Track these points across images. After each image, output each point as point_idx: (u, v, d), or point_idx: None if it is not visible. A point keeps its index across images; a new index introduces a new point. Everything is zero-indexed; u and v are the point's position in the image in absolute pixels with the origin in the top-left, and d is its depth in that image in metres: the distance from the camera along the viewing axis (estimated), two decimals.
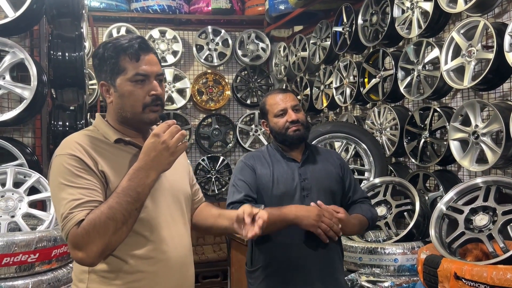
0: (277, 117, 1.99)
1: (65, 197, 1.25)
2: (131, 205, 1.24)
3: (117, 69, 1.35)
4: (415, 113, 3.19)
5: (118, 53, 1.35)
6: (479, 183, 2.09)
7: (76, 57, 3.02)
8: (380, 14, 3.50)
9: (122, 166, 1.34)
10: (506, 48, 2.44)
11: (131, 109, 1.36)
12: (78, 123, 3.04)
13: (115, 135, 1.38)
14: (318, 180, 1.99)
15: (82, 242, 1.21)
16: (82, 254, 1.22)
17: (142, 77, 1.35)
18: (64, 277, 2.30)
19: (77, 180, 1.26)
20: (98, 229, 1.21)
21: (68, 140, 1.34)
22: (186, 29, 5.66)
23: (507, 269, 1.71)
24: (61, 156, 1.30)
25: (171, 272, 1.37)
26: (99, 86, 1.40)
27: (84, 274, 1.34)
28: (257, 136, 5.61)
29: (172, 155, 1.28)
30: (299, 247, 1.92)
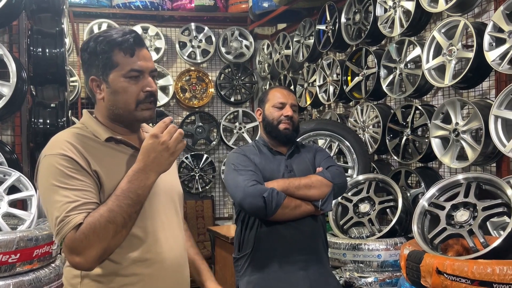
0: (274, 107, 2.04)
1: (59, 199, 1.18)
2: (131, 207, 1.20)
3: (110, 64, 1.28)
4: (397, 111, 3.24)
5: (111, 47, 1.28)
6: (460, 180, 2.13)
7: (57, 54, 2.97)
8: (363, 13, 3.54)
9: (114, 165, 1.29)
10: (485, 47, 2.49)
11: (124, 105, 1.30)
12: (59, 120, 2.98)
13: (106, 134, 1.31)
14: (303, 172, 2.04)
15: (81, 246, 1.16)
16: (79, 258, 1.17)
17: (137, 73, 1.29)
18: (46, 277, 2.26)
19: (70, 182, 1.20)
20: (98, 233, 1.16)
21: (58, 139, 1.27)
22: (169, 25, 5.61)
23: (487, 263, 1.75)
24: (51, 156, 1.23)
25: (166, 273, 1.33)
26: (89, 81, 1.32)
27: (76, 279, 1.28)
28: (241, 134, 5.61)
29: (172, 155, 1.25)
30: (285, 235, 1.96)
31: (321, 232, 2.06)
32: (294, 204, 1.92)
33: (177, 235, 1.40)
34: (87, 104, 5.40)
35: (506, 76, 2.58)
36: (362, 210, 2.81)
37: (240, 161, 1.99)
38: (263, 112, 2.09)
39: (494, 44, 2.48)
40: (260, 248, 1.98)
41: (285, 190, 1.91)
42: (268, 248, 1.97)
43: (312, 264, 1.98)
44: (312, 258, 1.99)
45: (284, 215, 1.91)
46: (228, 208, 5.68)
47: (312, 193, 1.95)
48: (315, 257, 2.01)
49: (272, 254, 1.96)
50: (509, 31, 2.38)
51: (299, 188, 1.92)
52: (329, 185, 1.98)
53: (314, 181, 1.96)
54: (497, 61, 2.45)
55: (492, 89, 2.74)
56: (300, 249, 1.98)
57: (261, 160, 2.02)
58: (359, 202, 2.85)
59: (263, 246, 1.97)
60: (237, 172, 1.94)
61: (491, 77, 2.71)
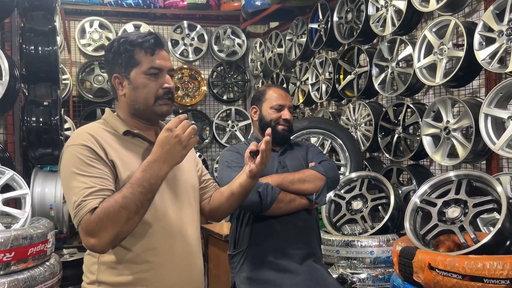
0: (273, 109, 2.05)
1: (77, 185, 1.27)
2: (144, 195, 1.27)
3: (132, 62, 1.39)
4: (389, 109, 3.27)
5: (134, 46, 1.39)
6: (452, 177, 2.16)
7: (49, 52, 2.96)
8: (355, 12, 3.56)
9: (130, 157, 1.38)
10: (475, 46, 2.53)
11: (144, 101, 1.40)
12: (52, 119, 2.97)
13: (124, 127, 1.41)
14: (296, 168, 2.07)
15: (95, 229, 1.24)
16: (94, 240, 1.25)
17: (156, 71, 1.40)
18: (41, 275, 2.26)
19: (89, 169, 1.29)
20: (112, 217, 1.24)
21: (80, 131, 1.38)
22: (161, 23, 5.60)
23: (477, 258, 1.78)
24: (73, 146, 1.33)
25: (177, 262, 1.41)
26: (112, 79, 1.43)
27: (94, 266, 1.37)
28: (234, 132, 5.62)
29: (184, 149, 1.32)
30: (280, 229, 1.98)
31: (314, 227, 2.09)
32: (289, 198, 1.94)
33: (189, 225, 1.47)
34: (79, 102, 5.38)
35: (496, 75, 2.62)
36: (354, 207, 2.84)
37: (233, 158, 2.00)
38: (260, 112, 2.09)
39: (484, 43, 2.52)
40: (255, 244, 2.00)
41: (279, 185, 1.94)
42: (264, 243, 1.99)
43: (307, 258, 2.01)
44: (307, 252, 2.02)
45: (279, 209, 1.93)
46: None
47: (306, 187, 1.98)
48: (310, 251, 2.03)
49: (268, 250, 1.98)
50: (498, 31, 2.42)
51: (293, 182, 1.94)
52: (322, 178, 2.01)
53: (308, 175, 1.99)
54: (487, 60, 2.49)
55: (482, 87, 2.79)
56: (295, 243, 2.00)
57: None
58: (352, 199, 2.88)
59: (258, 242, 1.99)
60: (231, 168, 1.95)
61: (481, 75, 2.76)
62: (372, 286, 2.50)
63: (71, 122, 5.18)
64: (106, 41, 5.35)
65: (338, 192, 2.93)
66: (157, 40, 1.42)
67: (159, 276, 1.38)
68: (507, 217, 1.89)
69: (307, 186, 1.98)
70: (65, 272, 3.01)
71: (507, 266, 1.73)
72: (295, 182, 1.96)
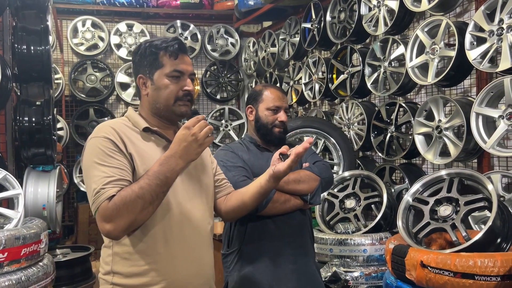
0: (269, 110, 2.05)
1: (98, 174, 1.36)
2: (160, 188, 1.35)
3: (156, 64, 1.49)
4: (381, 108, 3.30)
5: (159, 49, 1.50)
6: (443, 175, 2.18)
7: (42, 51, 2.94)
8: (348, 12, 3.58)
9: (148, 152, 1.46)
10: (467, 46, 2.56)
11: (165, 101, 1.50)
12: (45, 118, 2.96)
13: (144, 124, 1.50)
14: None
15: (112, 215, 1.32)
16: (109, 226, 1.33)
17: (178, 74, 1.49)
18: (34, 276, 2.24)
19: (109, 160, 1.38)
20: (128, 205, 1.31)
21: (103, 125, 1.48)
22: (154, 23, 5.59)
23: (469, 256, 1.80)
24: (96, 138, 1.42)
25: (189, 255, 1.48)
26: (137, 79, 1.54)
27: (109, 257, 1.46)
28: (227, 131, 5.62)
29: (200, 147, 1.39)
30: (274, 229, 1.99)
31: (308, 226, 2.10)
32: (284, 199, 1.95)
33: (202, 220, 1.54)
34: (72, 101, 5.35)
35: (487, 74, 2.65)
36: (348, 206, 2.86)
37: (229, 158, 2.00)
38: (256, 112, 2.07)
39: (475, 43, 2.55)
40: (249, 243, 2.00)
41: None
42: (257, 243, 2.00)
43: (300, 258, 2.02)
44: (301, 252, 2.03)
45: (274, 209, 1.93)
46: None
47: (301, 188, 1.98)
48: (303, 251, 2.04)
49: (261, 249, 1.99)
50: (489, 31, 2.45)
51: (288, 183, 1.95)
52: (317, 179, 2.02)
53: (303, 175, 2.00)
54: (478, 60, 2.52)
55: (474, 87, 2.81)
56: (289, 243, 2.01)
57: (250, 157, 2.03)
58: (345, 198, 2.90)
59: (252, 242, 2.00)
60: (226, 168, 1.95)
61: (473, 75, 2.78)
62: (365, 284, 2.52)
63: (64, 121, 5.16)
64: (98, 40, 5.33)
65: (331, 191, 2.94)
66: (181, 45, 1.52)
67: (171, 267, 1.44)
68: (497, 215, 1.92)
69: (302, 187, 1.99)
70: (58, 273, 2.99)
71: (497, 263, 1.75)
72: (290, 183, 1.96)
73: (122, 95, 5.35)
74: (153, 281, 1.42)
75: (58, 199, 3.29)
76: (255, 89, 2.12)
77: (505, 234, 1.96)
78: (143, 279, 1.42)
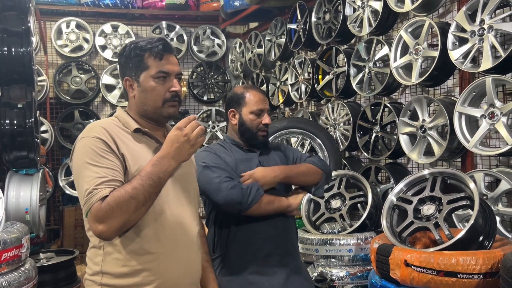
0: (253, 114, 2.04)
1: (90, 174, 1.35)
2: (153, 188, 1.35)
3: (141, 66, 1.48)
4: (366, 108, 3.31)
5: (143, 51, 1.48)
6: (426, 175, 2.20)
7: (23, 53, 2.89)
8: (333, 12, 3.60)
9: (139, 153, 1.46)
10: (449, 46, 2.58)
11: (153, 103, 1.49)
12: (27, 121, 2.91)
13: (135, 125, 1.50)
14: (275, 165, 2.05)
15: (105, 216, 1.30)
16: (102, 227, 1.31)
17: (164, 75, 1.48)
18: (15, 281, 2.20)
19: (101, 160, 1.37)
20: (121, 206, 1.31)
21: (93, 125, 1.46)
22: (139, 24, 5.55)
23: (451, 254, 1.82)
24: (86, 138, 1.41)
25: (180, 254, 1.48)
26: (123, 81, 1.52)
27: (98, 257, 1.44)
28: (215, 132, 5.60)
29: (192, 147, 1.40)
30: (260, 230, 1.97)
31: (293, 226, 2.09)
32: (268, 200, 1.94)
33: (191, 222, 1.55)
34: (56, 104, 5.29)
35: (469, 74, 2.68)
36: (333, 206, 2.86)
37: (211, 159, 1.98)
38: (239, 116, 2.05)
39: (458, 44, 2.57)
40: (234, 247, 1.98)
41: (287, 176, 1.97)
42: (244, 245, 1.98)
43: (287, 259, 2.01)
44: (287, 252, 2.02)
45: (257, 210, 1.92)
46: (201, 207, 5.65)
47: (308, 179, 2.02)
48: (290, 251, 2.03)
49: (247, 252, 1.97)
50: (471, 31, 2.47)
51: (298, 175, 1.98)
52: (320, 172, 2.05)
53: (309, 168, 2.03)
54: (460, 60, 2.54)
55: (457, 86, 2.84)
56: (275, 244, 1.99)
57: (233, 159, 2.02)
58: (331, 198, 2.91)
59: (237, 245, 1.98)
60: (209, 169, 1.93)
61: (456, 75, 2.81)
62: (351, 283, 2.52)
63: (48, 124, 5.09)
64: (83, 42, 5.28)
65: None
66: (165, 46, 1.50)
67: (162, 268, 1.44)
68: (479, 213, 1.93)
69: (308, 179, 2.03)
70: (42, 277, 2.95)
71: (480, 261, 1.76)
72: (299, 175, 2.00)
73: (107, 97, 5.30)
74: (144, 281, 1.42)
75: (42, 202, 3.24)
76: (236, 92, 2.09)
77: (487, 232, 1.98)
78: (134, 279, 1.41)
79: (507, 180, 2.34)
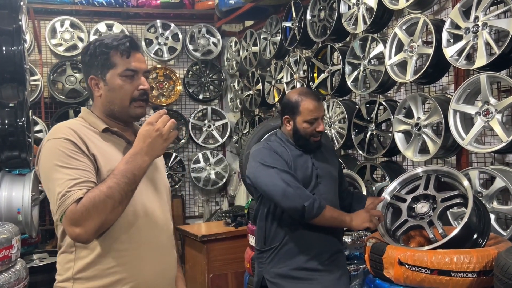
0: (307, 122, 2.10)
1: (61, 177, 1.31)
2: (128, 186, 1.32)
3: (108, 64, 1.44)
4: (362, 106, 3.29)
5: (109, 49, 1.44)
6: (420, 173, 2.18)
7: (14, 51, 2.87)
8: (328, 10, 3.57)
9: (110, 152, 1.43)
10: (444, 43, 2.56)
11: (120, 102, 1.45)
12: (18, 120, 2.89)
13: (103, 125, 1.46)
14: (327, 168, 2.19)
15: (81, 218, 1.27)
16: (79, 230, 1.28)
17: (131, 73, 1.44)
18: (6, 282, 2.18)
19: (72, 162, 1.33)
20: (97, 206, 1.27)
21: (59, 127, 1.42)
22: (134, 22, 5.52)
23: (445, 253, 1.80)
24: (54, 140, 1.36)
25: (155, 255, 1.47)
26: (88, 80, 1.47)
27: (70, 263, 1.40)
28: (211, 131, 5.58)
29: (165, 142, 1.37)
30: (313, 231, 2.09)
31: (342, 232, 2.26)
32: (331, 215, 2.04)
33: (168, 220, 1.55)
34: (51, 103, 5.26)
35: (464, 71, 2.66)
36: None
37: (274, 159, 2.05)
38: (294, 124, 2.13)
39: (452, 41, 2.55)
40: (288, 242, 2.09)
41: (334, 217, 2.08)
42: (297, 241, 2.09)
43: (338, 256, 2.16)
44: (338, 250, 2.17)
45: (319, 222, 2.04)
46: (198, 206, 5.65)
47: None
48: (340, 249, 2.18)
49: (300, 247, 2.08)
50: (465, 28, 2.45)
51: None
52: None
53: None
54: (455, 57, 2.52)
55: (451, 84, 2.82)
56: (327, 242, 2.12)
57: (290, 155, 2.10)
58: None
59: (291, 239, 2.09)
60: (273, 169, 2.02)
61: (450, 72, 2.79)
62: None
63: (43, 123, 5.06)
64: (78, 41, 5.24)
65: None
66: (132, 43, 1.46)
67: (138, 269, 1.42)
68: (473, 211, 1.92)
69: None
70: (35, 278, 2.93)
71: (473, 259, 1.75)
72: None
73: None
74: (120, 283, 1.39)
75: (35, 202, 3.22)
76: (291, 99, 2.14)
77: (481, 230, 1.96)
78: (109, 281, 1.39)
79: (502, 177, 2.32)
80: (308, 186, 2.10)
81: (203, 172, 5.50)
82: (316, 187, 2.12)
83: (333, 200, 2.18)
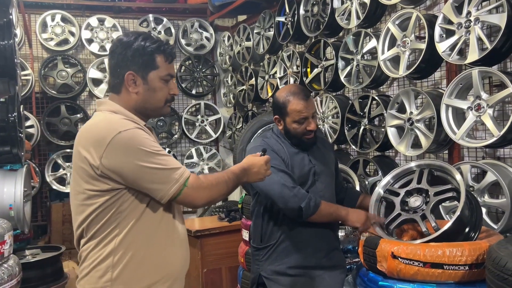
0: (296, 123, 2.08)
1: (163, 158, 1.43)
2: (232, 188, 1.58)
3: (152, 65, 1.51)
4: (355, 101, 3.30)
5: (157, 51, 1.52)
6: (413, 167, 2.20)
7: (5, 46, 2.82)
8: (321, 5, 3.57)
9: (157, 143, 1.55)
10: (436, 38, 2.57)
11: (156, 102, 1.56)
12: (10, 115, 2.86)
13: (141, 121, 1.56)
14: (324, 165, 2.18)
15: (203, 185, 1.47)
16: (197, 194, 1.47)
17: (170, 78, 1.57)
18: None
19: (159, 148, 1.46)
20: (219, 184, 1.51)
21: (115, 121, 1.46)
22: (126, 17, 5.48)
23: (438, 246, 1.82)
24: (127, 131, 1.42)
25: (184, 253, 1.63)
26: (126, 75, 1.50)
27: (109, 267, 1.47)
28: (204, 126, 5.57)
29: (259, 178, 1.66)
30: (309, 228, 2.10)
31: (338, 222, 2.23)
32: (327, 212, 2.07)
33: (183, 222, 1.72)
34: (42, 98, 5.21)
35: (456, 66, 2.68)
36: None
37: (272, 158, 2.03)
38: (284, 124, 2.13)
39: (444, 36, 2.57)
40: (285, 240, 2.10)
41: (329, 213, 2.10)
42: (293, 238, 2.09)
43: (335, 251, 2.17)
44: (334, 247, 2.18)
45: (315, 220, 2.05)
46: None
47: None
48: (336, 245, 2.20)
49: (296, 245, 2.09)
50: (457, 23, 2.47)
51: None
52: None
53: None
54: (447, 52, 2.54)
55: (444, 79, 2.84)
56: (323, 239, 2.13)
57: (286, 153, 2.10)
58: None
59: (287, 238, 2.10)
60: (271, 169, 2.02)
61: (443, 67, 2.81)
62: None
63: (34, 119, 5.02)
64: (69, 35, 5.20)
65: None
66: (174, 50, 1.61)
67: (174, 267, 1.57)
68: (465, 204, 1.94)
69: None
70: (28, 274, 2.91)
71: (465, 252, 1.77)
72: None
73: (94, 91, 5.24)
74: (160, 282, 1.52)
75: (27, 198, 3.19)
76: (279, 100, 2.13)
77: (473, 223, 1.98)
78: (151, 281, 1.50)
79: (493, 171, 2.35)
80: (305, 183, 2.10)
81: (197, 167, 5.50)
82: (314, 184, 2.12)
83: (331, 197, 2.18)
